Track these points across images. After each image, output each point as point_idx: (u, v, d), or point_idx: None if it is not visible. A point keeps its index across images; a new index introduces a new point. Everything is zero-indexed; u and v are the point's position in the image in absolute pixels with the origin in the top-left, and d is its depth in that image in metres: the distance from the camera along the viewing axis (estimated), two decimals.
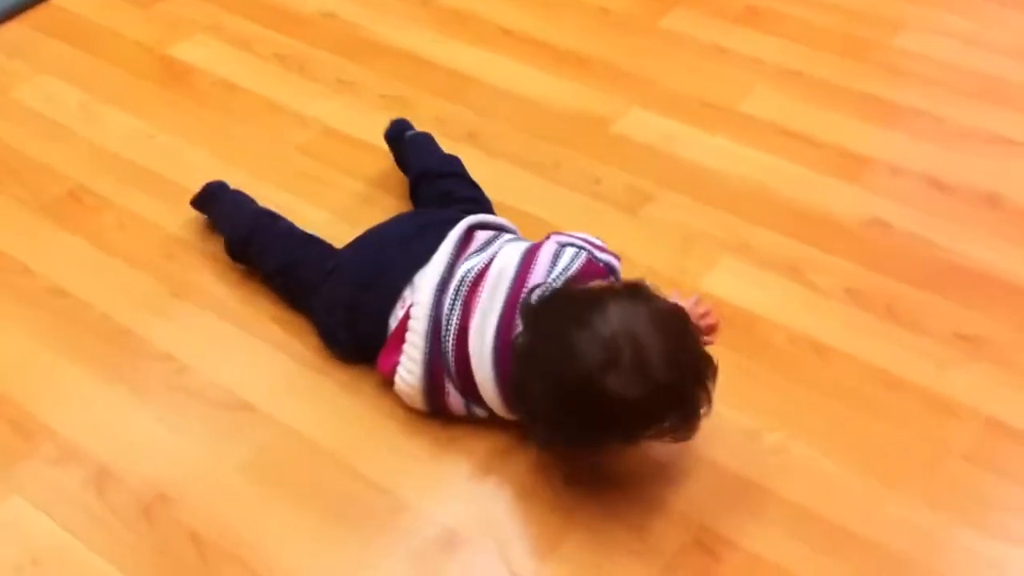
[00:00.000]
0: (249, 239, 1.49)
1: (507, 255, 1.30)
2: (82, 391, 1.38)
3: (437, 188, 1.54)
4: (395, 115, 1.73)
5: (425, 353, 1.27)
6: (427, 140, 1.67)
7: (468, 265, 1.30)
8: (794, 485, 1.25)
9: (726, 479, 1.26)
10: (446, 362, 1.26)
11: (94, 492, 1.25)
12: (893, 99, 1.86)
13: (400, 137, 1.67)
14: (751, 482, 1.25)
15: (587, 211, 1.63)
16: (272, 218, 1.52)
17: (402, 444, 1.31)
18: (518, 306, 1.23)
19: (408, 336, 1.28)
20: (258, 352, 1.42)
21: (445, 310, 1.27)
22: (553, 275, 1.26)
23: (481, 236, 1.37)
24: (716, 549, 1.19)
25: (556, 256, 1.29)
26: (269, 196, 1.60)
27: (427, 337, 1.27)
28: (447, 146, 1.69)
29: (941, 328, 1.43)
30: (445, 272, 1.30)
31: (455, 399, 1.28)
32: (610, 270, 1.32)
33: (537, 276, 1.27)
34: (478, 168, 1.62)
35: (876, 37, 2.00)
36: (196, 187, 1.61)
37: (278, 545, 1.20)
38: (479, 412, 1.28)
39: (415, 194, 1.59)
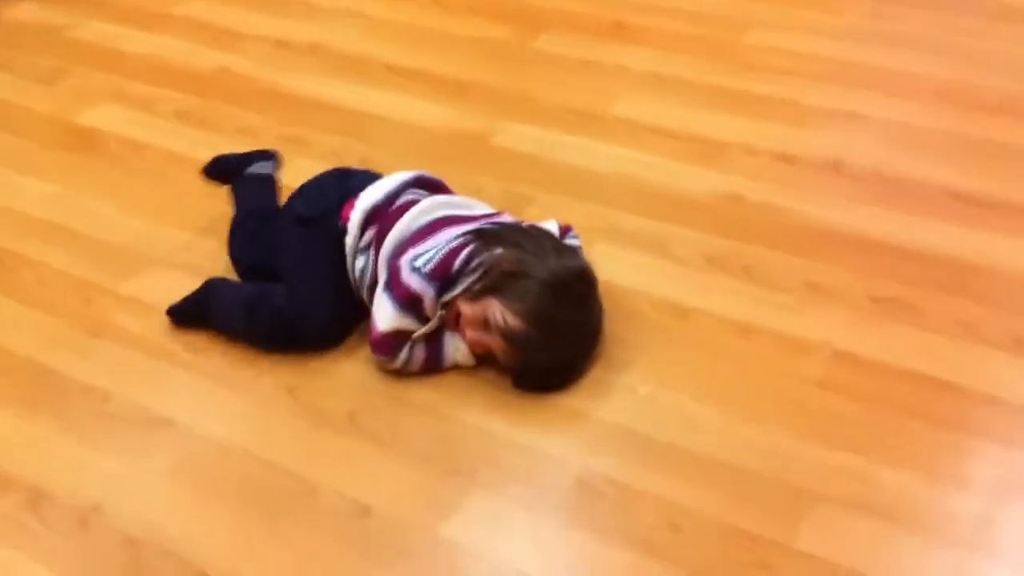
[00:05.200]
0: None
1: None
2: (5, 425, 1.49)
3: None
4: (293, 153, 1.90)
5: None
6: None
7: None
8: (664, 427, 1.38)
9: (606, 427, 1.39)
10: None
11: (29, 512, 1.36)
12: (746, 89, 2.04)
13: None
14: (628, 428, 1.39)
15: None
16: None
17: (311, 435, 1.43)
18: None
19: None
20: (171, 373, 1.54)
21: None
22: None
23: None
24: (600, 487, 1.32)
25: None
26: (171, 236, 1.75)
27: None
28: None
29: (791, 280, 1.59)
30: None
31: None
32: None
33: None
34: None
35: (729, 37, 2.19)
36: (107, 236, 1.75)
37: (207, 538, 1.31)
38: None
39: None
